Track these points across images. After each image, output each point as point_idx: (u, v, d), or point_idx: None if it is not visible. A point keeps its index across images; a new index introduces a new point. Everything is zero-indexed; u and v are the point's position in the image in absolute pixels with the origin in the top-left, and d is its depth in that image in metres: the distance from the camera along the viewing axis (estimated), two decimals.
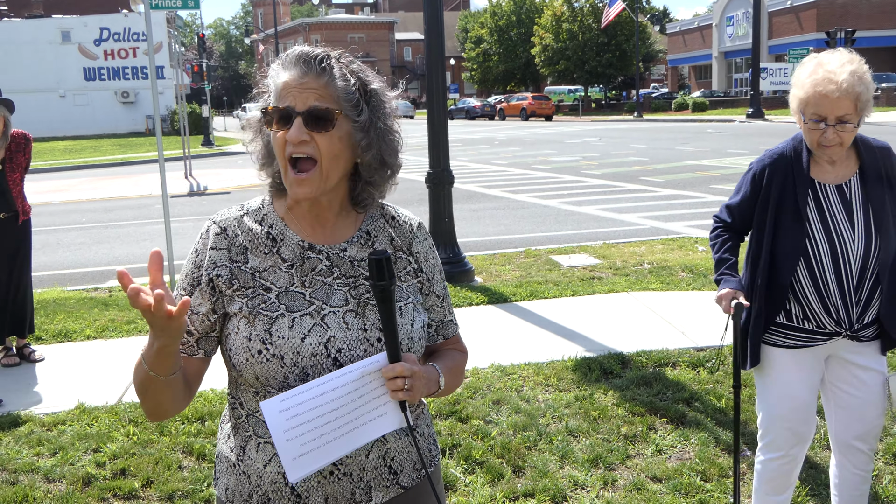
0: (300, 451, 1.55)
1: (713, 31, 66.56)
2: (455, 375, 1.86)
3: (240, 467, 1.74)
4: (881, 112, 39.02)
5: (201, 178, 21.65)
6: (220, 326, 1.73)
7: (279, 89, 1.67)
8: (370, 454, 1.73)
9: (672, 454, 4.17)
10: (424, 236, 1.87)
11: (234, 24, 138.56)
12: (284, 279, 1.71)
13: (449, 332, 1.92)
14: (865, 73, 2.80)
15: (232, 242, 1.73)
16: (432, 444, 1.91)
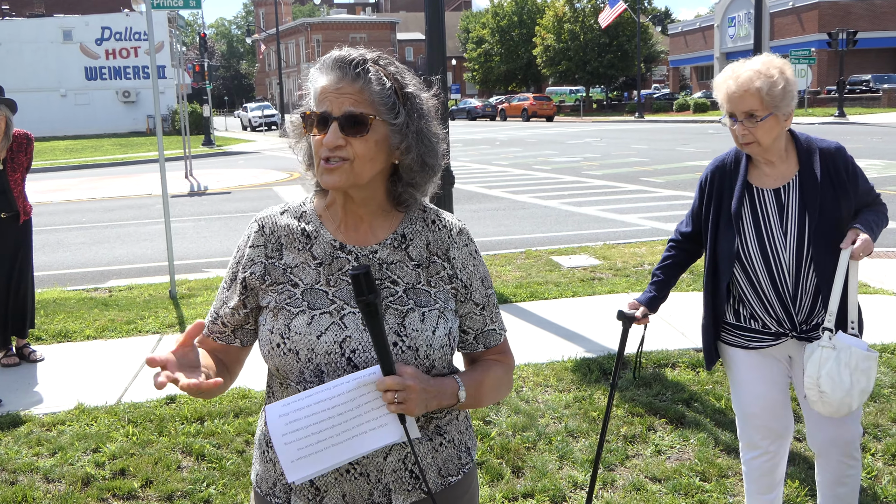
0: (297, 454, 1.60)
1: (715, 32, 66.53)
2: (487, 388, 1.82)
3: (268, 454, 1.81)
4: (883, 113, 39.01)
5: (202, 177, 21.66)
6: (253, 319, 1.82)
7: (317, 93, 1.71)
8: (388, 457, 1.73)
9: (671, 455, 4.17)
10: (465, 242, 1.85)
11: (235, 24, 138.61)
12: (312, 276, 1.75)
13: (491, 342, 1.88)
14: (774, 71, 2.83)
15: (269, 239, 1.80)
16: (464, 451, 1.87)
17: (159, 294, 8.11)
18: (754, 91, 2.80)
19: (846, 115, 37.09)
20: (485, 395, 1.82)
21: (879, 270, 7.88)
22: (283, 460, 1.61)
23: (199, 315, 7.10)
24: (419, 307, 1.74)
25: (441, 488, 1.80)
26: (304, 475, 1.61)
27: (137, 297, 8.05)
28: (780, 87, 2.81)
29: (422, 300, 1.75)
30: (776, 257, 2.90)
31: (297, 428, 1.60)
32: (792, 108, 2.86)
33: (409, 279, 1.77)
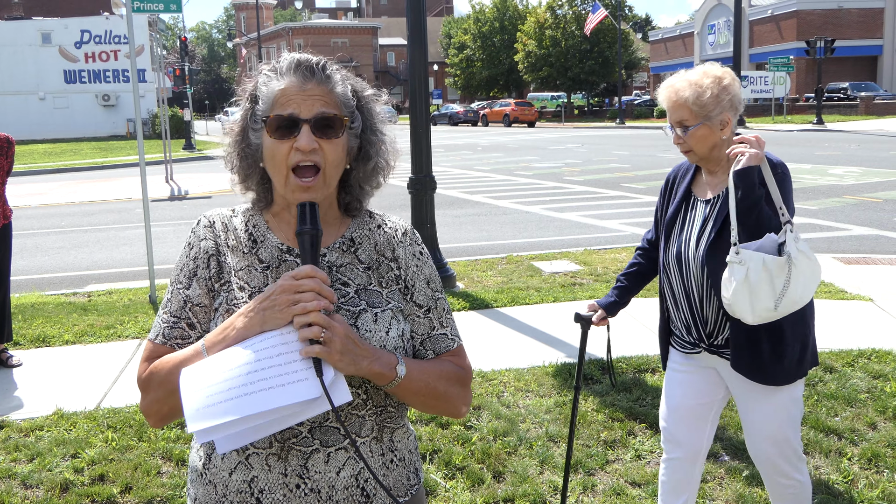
0: (205, 402, 1.46)
1: (695, 39, 67.04)
2: (435, 376, 1.70)
3: (206, 476, 1.70)
4: (860, 120, 39.42)
5: (182, 182, 21.55)
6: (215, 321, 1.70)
7: (275, 97, 1.64)
8: (341, 472, 1.65)
9: (651, 459, 4.19)
10: (410, 242, 1.80)
11: (216, 28, 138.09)
12: (259, 280, 1.69)
13: (441, 347, 1.78)
14: (706, 80, 2.83)
15: (217, 236, 1.75)
16: (412, 472, 1.80)
17: (139, 299, 8.06)
18: (682, 101, 2.83)
19: (824, 123, 37.45)
20: (434, 382, 1.69)
21: (856, 276, 7.96)
22: (187, 408, 1.45)
23: None
24: (371, 307, 1.69)
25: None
26: (208, 425, 1.44)
27: (117, 301, 8.00)
28: (709, 96, 2.80)
29: (374, 301, 1.70)
30: (688, 268, 2.91)
31: (208, 373, 1.49)
32: (727, 117, 2.84)
33: (359, 281, 1.72)
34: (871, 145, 25.53)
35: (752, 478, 3.91)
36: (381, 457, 1.72)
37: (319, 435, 1.64)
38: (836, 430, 4.39)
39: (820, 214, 12.48)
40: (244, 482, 1.66)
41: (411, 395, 1.67)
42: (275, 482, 1.64)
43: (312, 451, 1.64)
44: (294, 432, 1.63)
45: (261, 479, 1.65)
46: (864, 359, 5.43)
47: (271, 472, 1.64)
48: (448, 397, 1.73)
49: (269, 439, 1.63)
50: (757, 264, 2.67)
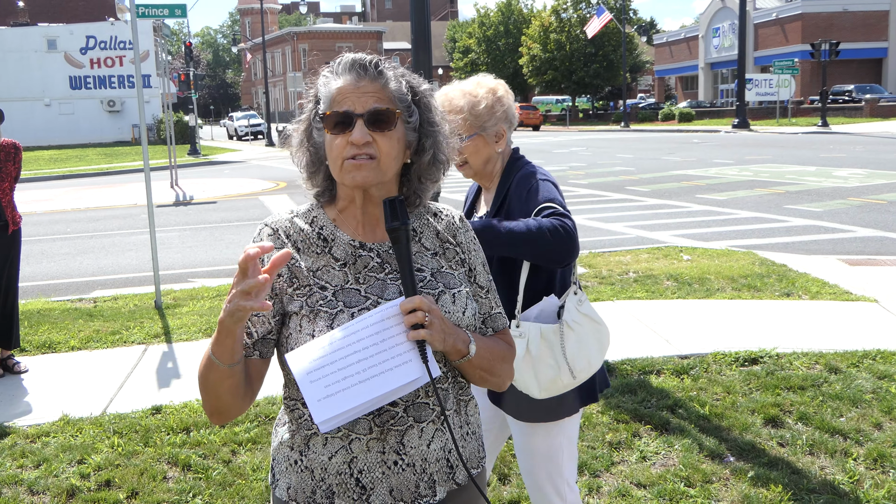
0: (325, 392, 1.58)
1: (700, 43, 67.01)
2: (496, 356, 1.82)
3: (303, 463, 1.76)
4: (866, 122, 39.36)
5: (187, 187, 21.61)
6: (277, 328, 1.77)
7: (332, 95, 1.74)
8: (431, 444, 1.75)
9: (656, 461, 4.19)
10: (466, 228, 1.91)
11: (221, 33, 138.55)
12: (339, 278, 1.76)
13: (498, 325, 1.91)
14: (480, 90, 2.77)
15: (284, 243, 1.79)
16: (481, 445, 1.91)
17: (144, 304, 8.08)
18: (458, 111, 2.73)
19: (829, 125, 37.40)
20: (494, 362, 1.81)
21: (861, 278, 7.95)
22: (310, 400, 1.58)
23: (184, 325, 7.08)
24: (449, 289, 1.78)
25: (466, 480, 1.81)
26: (332, 414, 1.58)
27: (122, 307, 8.02)
28: (484, 106, 2.74)
29: (450, 282, 1.80)
30: None
31: (322, 365, 1.60)
32: (502, 129, 2.77)
33: (432, 265, 1.81)
34: (876, 147, 25.48)
35: (757, 478, 3.91)
36: (460, 429, 1.82)
37: (413, 412, 1.73)
38: (842, 430, 4.38)
39: (825, 216, 12.46)
40: (344, 463, 1.73)
41: (473, 369, 1.77)
42: (374, 461, 1.73)
43: (407, 427, 1.73)
44: (391, 414, 1.71)
45: (360, 460, 1.73)
46: (869, 359, 5.42)
47: (370, 452, 1.72)
48: (500, 373, 1.85)
49: (368, 425, 1.71)
50: (535, 336, 2.60)
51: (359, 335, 1.61)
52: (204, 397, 1.71)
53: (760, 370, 5.27)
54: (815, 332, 6.15)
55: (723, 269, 8.42)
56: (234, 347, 1.62)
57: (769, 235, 11.07)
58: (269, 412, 4.90)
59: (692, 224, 12.25)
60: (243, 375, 1.69)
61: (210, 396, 1.69)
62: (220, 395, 1.68)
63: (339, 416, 1.59)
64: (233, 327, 1.58)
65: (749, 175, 18.79)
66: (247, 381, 1.72)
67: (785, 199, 14.49)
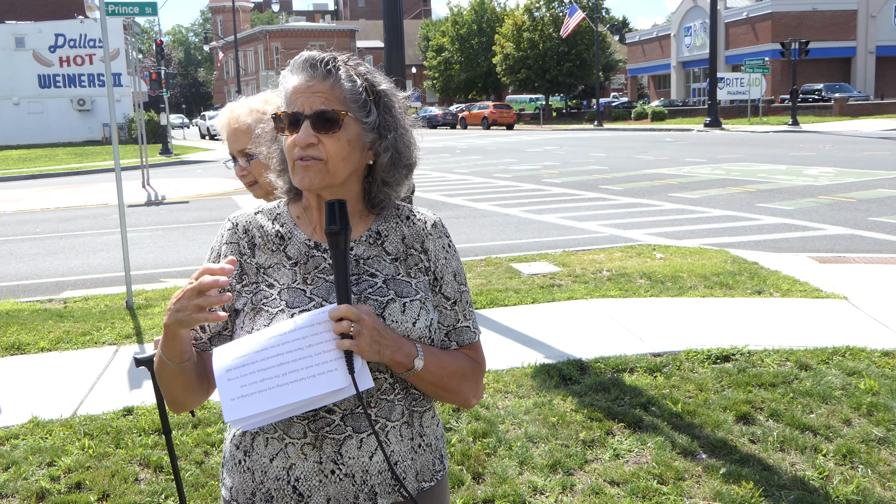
0: (240, 392, 1.56)
1: (671, 42, 67.50)
2: (450, 371, 1.76)
3: (245, 463, 1.76)
4: (835, 121, 39.84)
5: (159, 187, 21.41)
6: (231, 325, 1.79)
7: (289, 94, 1.73)
8: (374, 456, 1.71)
9: (629, 458, 4.22)
10: (439, 234, 1.84)
11: (192, 31, 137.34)
12: (288, 276, 1.75)
13: (464, 339, 1.84)
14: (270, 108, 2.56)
15: (241, 237, 1.80)
16: (438, 458, 1.85)
17: (115, 305, 8.00)
18: (244, 128, 2.62)
19: (799, 124, 37.83)
20: (449, 379, 1.75)
21: (831, 275, 8.04)
22: (223, 398, 1.56)
23: (156, 326, 7.01)
24: (400, 297, 1.73)
25: (418, 492, 1.79)
26: (243, 415, 1.56)
27: (93, 307, 7.93)
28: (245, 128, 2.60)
29: (402, 290, 1.75)
30: None
31: (242, 364, 1.57)
32: None
33: (387, 271, 1.77)
34: (846, 146, 25.80)
35: (729, 475, 3.94)
36: (410, 441, 1.77)
37: (351, 422, 1.70)
38: (812, 426, 4.43)
39: (795, 214, 12.60)
40: (283, 469, 1.72)
41: (425, 384, 1.74)
42: (311, 470, 1.71)
43: (345, 437, 1.70)
44: (327, 421, 1.69)
45: (297, 467, 1.71)
46: (838, 356, 5.48)
47: (307, 461, 1.71)
48: (458, 391, 1.80)
49: (303, 429, 1.70)
50: None
51: (285, 338, 1.58)
52: (162, 389, 1.78)
53: (732, 367, 5.32)
54: (785, 329, 6.21)
55: (695, 267, 8.48)
56: (182, 348, 1.68)
57: (741, 234, 11.18)
58: None
59: (665, 222, 12.33)
60: (195, 371, 1.74)
61: (166, 391, 1.78)
62: (173, 390, 1.76)
63: (250, 417, 1.57)
64: (179, 332, 1.65)
65: (721, 174, 18.95)
66: (204, 375, 1.76)
67: (756, 198, 14.63)
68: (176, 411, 1.82)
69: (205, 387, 1.77)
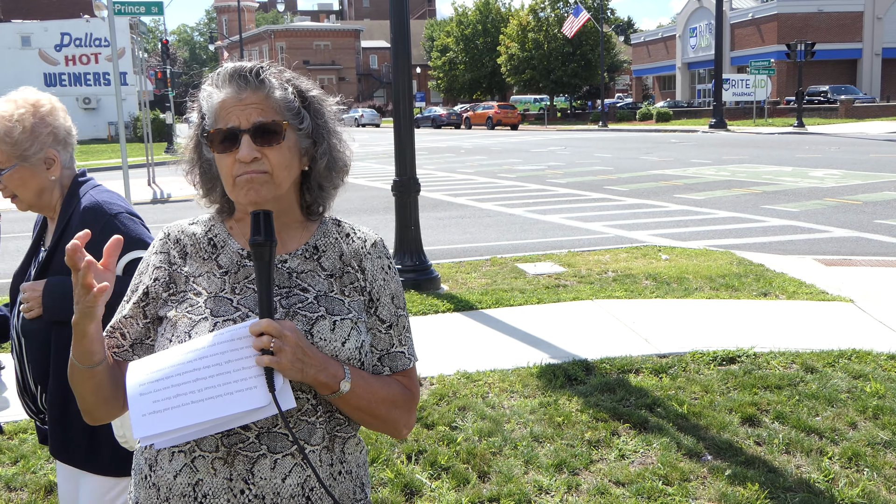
0: (151, 408, 1.49)
1: (677, 43, 67.43)
2: (379, 397, 1.68)
3: (151, 479, 1.68)
4: (841, 123, 39.78)
5: (164, 185, 21.45)
6: (153, 333, 1.72)
7: (216, 110, 1.66)
8: (287, 479, 1.63)
9: (634, 459, 4.22)
10: (378, 254, 1.78)
11: (197, 31, 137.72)
12: (216, 285, 1.70)
13: (398, 365, 1.76)
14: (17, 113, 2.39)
15: (172, 247, 1.75)
16: (359, 486, 1.76)
17: None
18: None
19: (805, 126, 37.78)
20: (376, 404, 1.68)
21: (837, 278, 8.04)
22: (134, 414, 1.48)
23: None
24: (331, 315, 1.67)
25: None
26: (153, 432, 1.48)
27: None
28: (21, 131, 2.37)
29: (334, 308, 1.69)
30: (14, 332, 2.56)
31: (156, 378, 1.50)
32: (53, 153, 2.43)
33: (320, 287, 1.71)
34: (851, 148, 25.77)
35: (734, 477, 3.95)
36: (330, 467, 1.69)
37: (267, 441, 1.62)
38: (818, 429, 4.43)
39: (801, 216, 12.59)
40: (188, 485, 1.64)
41: (351, 409, 1.66)
42: (219, 486, 1.62)
43: (259, 456, 1.62)
44: (241, 437, 1.61)
45: (205, 483, 1.63)
46: (844, 359, 5.48)
47: (216, 477, 1.62)
48: (388, 419, 1.72)
49: (215, 443, 1.62)
50: None
51: (203, 352, 1.52)
52: (75, 395, 1.68)
53: (738, 369, 5.33)
54: (791, 331, 6.21)
55: (701, 268, 8.49)
56: (91, 348, 1.59)
57: (746, 235, 11.17)
58: None
59: (670, 224, 12.33)
60: (110, 380, 1.65)
61: (77, 397, 1.67)
62: (84, 397, 1.66)
63: (162, 434, 1.50)
64: (84, 327, 1.55)
65: (726, 175, 18.94)
66: (120, 384, 1.65)
67: (762, 200, 14.62)
68: (89, 421, 1.72)
69: (120, 395, 1.65)
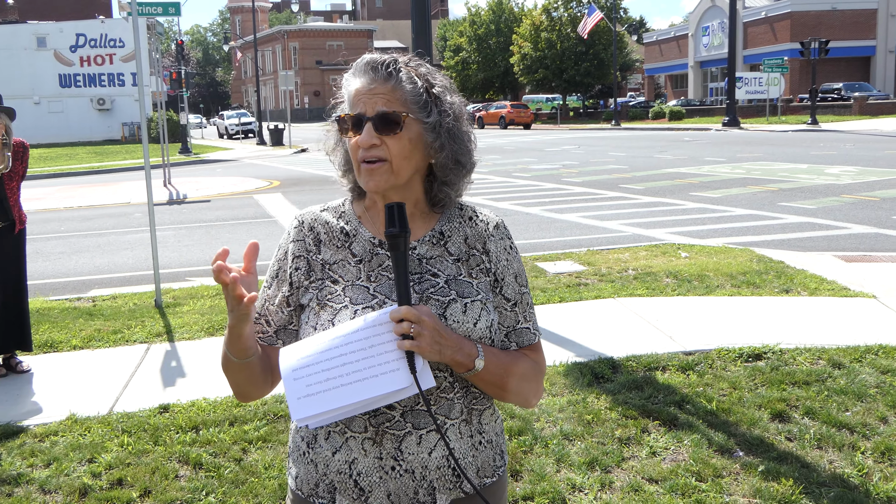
0: (305, 391, 1.60)
1: (689, 41, 67.19)
2: (512, 372, 1.77)
3: (309, 455, 1.80)
4: (855, 120, 39.54)
5: (180, 186, 21.55)
6: (296, 319, 1.83)
7: (352, 97, 1.76)
8: (433, 452, 1.74)
9: (666, 456, 4.22)
10: (501, 236, 1.86)
11: (211, 31, 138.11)
12: (352, 273, 1.78)
13: (524, 341, 1.86)
14: None
15: (307, 234, 1.84)
16: (499, 454, 1.87)
17: (144, 303, 8.07)
18: None
19: (819, 123, 37.59)
20: (509, 379, 1.76)
21: (858, 274, 8.01)
22: (290, 397, 1.60)
23: (186, 324, 7.08)
24: (461, 298, 1.75)
25: (479, 487, 1.80)
26: (309, 413, 1.60)
27: (122, 306, 8.00)
28: None
29: (464, 291, 1.76)
30: None
31: (307, 364, 1.61)
32: None
33: (449, 272, 1.78)
34: (866, 145, 25.62)
35: (767, 472, 3.94)
36: (470, 438, 1.79)
37: (411, 418, 1.72)
38: (848, 424, 4.42)
39: (819, 213, 12.54)
40: (345, 463, 1.75)
41: (485, 384, 1.75)
42: (371, 465, 1.73)
43: (405, 433, 1.72)
44: (387, 417, 1.71)
45: (359, 462, 1.74)
46: (871, 354, 5.46)
47: (367, 456, 1.73)
48: (519, 391, 1.80)
49: (364, 424, 1.72)
50: None
51: (349, 338, 1.62)
52: (228, 381, 1.82)
53: (765, 366, 5.31)
54: (816, 327, 6.19)
55: (721, 266, 8.46)
56: (246, 345, 1.72)
57: (764, 232, 11.13)
58: (278, 410, 4.90)
59: (687, 221, 12.30)
60: (260, 366, 1.78)
61: (231, 383, 1.82)
62: (238, 383, 1.81)
63: (317, 416, 1.61)
64: (240, 330, 1.69)
65: (741, 173, 18.87)
66: (269, 368, 1.80)
67: (778, 197, 14.56)
68: (240, 400, 1.88)
69: (269, 379, 1.82)
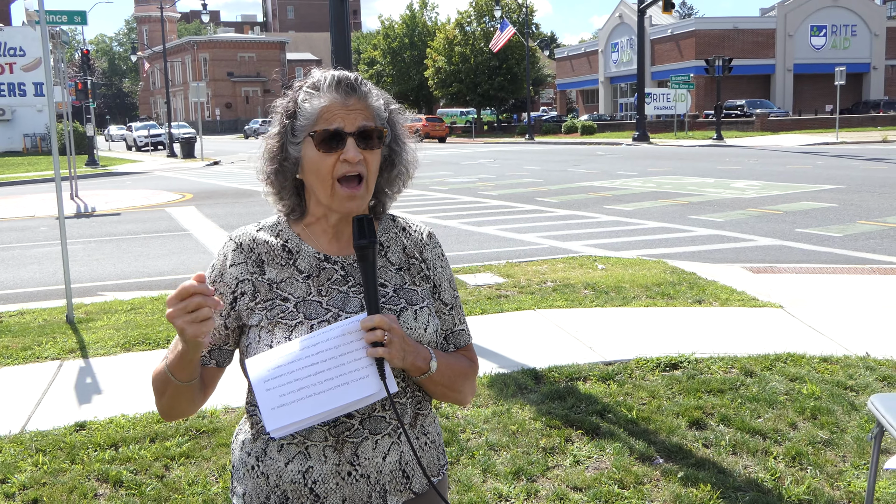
0: (279, 401, 1.63)
1: (599, 57, 68.84)
2: (456, 372, 1.85)
3: (259, 468, 1.81)
4: (757, 136, 41.15)
5: (88, 199, 20.91)
6: (233, 340, 1.82)
7: (319, 113, 1.76)
8: (387, 457, 1.79)
9: (589, 464, 4.31)
10: (434, 244, 1.95)
11: (117, 41, 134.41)
12: (301, 289, 1.79)
13: (460, 342, 1.95)
14: None
15: (248, 256, 1.82)
16: (441, 452, 1.95)
17: (55, 318, 7.80)
18: None
19: (724, 139, 38.99)
20: (454, 379, 1.84)
21: (765, 284, 8.34)
22: (264, 408, 1.62)
23: (100, 340, 6.87)
24: (411, 305, 1.82)
25: (426, 488, 1.87)
26: (284, 423, 1.63)
27: (31, 322, 7.72)
28: None
29: (412, 298, 1.83)
30: None
31: (278, 374, 1.64)
32: None
33: (395, 281, 1.85)
34: (769, 160, 26.70)
35: (686, 479, 4.07)
36: (416, 440, 1.86)
37: (369, 425, 1.77)
38: (761, 430, 4.60)
39: (727, 226, 13.00)
40: (299, 472, 1.77)
41: (435, 386, 1.82)
42: (329, 471, 1.77)
43: (362, 439, 1.78)
44: (347, 426, 1.76)
45: (315, 470, 1.77)
46: (780, 362, 5.70)
47: (326, 463, 1.77)
48: (462, 390, 1.89)
49: (324, 433, 1.75)
50: None
51: (318, 348, 1.65)
52: (157, 400, 1.79)
53: (681, 375, 5.48)
54: (728, 337, 6.42)
55: (636, 277, 8.69)
56: (193, 369, 1.73)
57: (676, 245, 11.48)
58: (200, 426, 4.81)
59: (602, 234, 12.59)
60: (199, 385, 1.79)
61: (164, 402, 1.79)
62: (174, 404, 1.79)
63: (291, 425, 1.64)
64: (194, 355, 1.68)
65: (652, 186, 19.41)
66: (201, 387, 1.81)
67: (688, 210, 15.04)
68: (168, 419, 1.88)
69: (202, 398, 1.83)
